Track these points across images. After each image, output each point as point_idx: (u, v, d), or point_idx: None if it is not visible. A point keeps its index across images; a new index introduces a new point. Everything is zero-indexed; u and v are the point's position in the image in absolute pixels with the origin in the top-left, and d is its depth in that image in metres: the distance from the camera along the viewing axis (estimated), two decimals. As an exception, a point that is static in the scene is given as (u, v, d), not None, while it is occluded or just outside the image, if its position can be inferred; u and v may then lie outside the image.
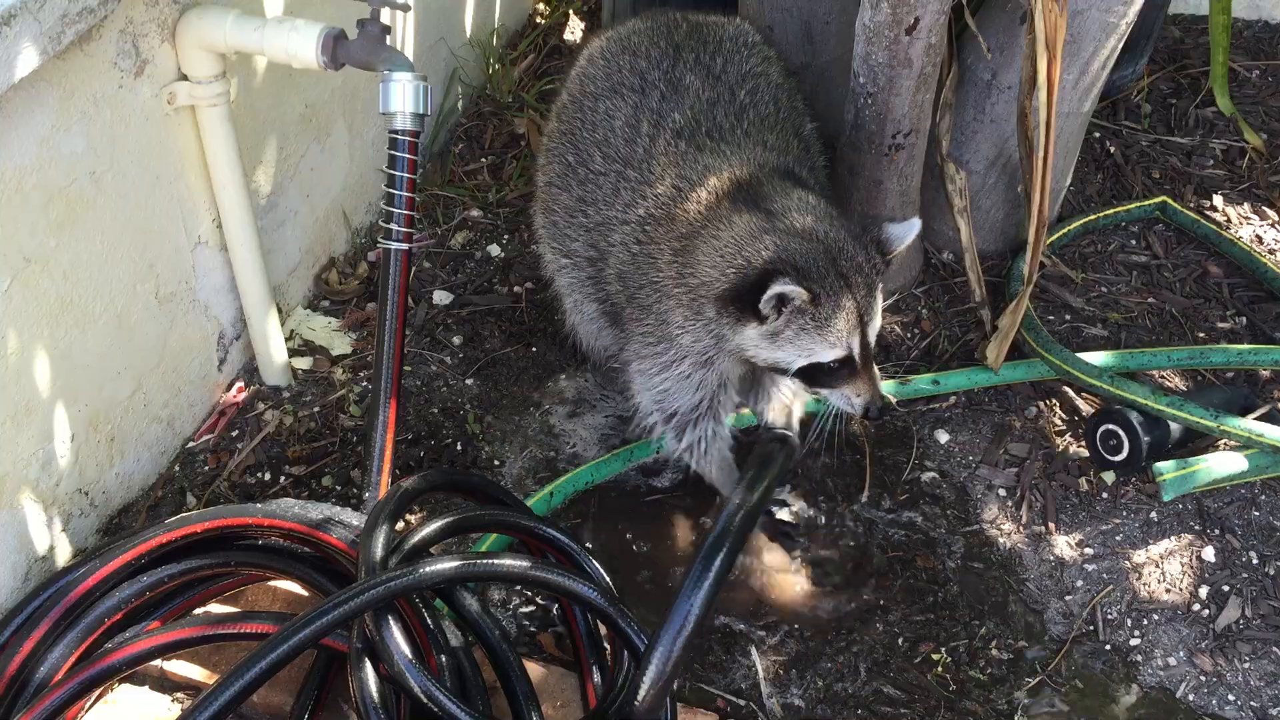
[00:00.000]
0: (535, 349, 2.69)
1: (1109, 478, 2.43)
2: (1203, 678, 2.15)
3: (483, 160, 3.16)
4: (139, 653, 1.82)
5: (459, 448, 2.47)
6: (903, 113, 2.45)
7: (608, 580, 1.97)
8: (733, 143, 2.09)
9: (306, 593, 2.06)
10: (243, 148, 2.28)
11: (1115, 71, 2.90)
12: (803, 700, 2.09)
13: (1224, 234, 2.89)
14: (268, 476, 2.40)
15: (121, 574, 1.88)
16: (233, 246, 2.38)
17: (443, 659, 1.81)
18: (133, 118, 2.09)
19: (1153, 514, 2.38)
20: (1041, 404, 2.58)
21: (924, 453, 2.49)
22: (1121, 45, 2.54)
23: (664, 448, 2.29)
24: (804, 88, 2.51)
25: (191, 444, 2.45)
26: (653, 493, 2.43)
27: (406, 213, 2.13)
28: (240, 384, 2.55)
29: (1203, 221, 2.92)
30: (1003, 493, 2.43)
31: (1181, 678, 2.15)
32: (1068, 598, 2.26)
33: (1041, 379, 2.60)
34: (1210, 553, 2.32)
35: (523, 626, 2.17)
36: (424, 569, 1.73)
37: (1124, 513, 2.39)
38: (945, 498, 2.42)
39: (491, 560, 1.83)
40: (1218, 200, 3.05)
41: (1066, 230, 2.90)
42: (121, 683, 1.99)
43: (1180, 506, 2.39)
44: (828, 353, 1.94)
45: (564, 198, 2.24)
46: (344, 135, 2.74)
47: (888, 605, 2.24)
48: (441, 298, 2.78)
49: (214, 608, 2.05)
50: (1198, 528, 2.37)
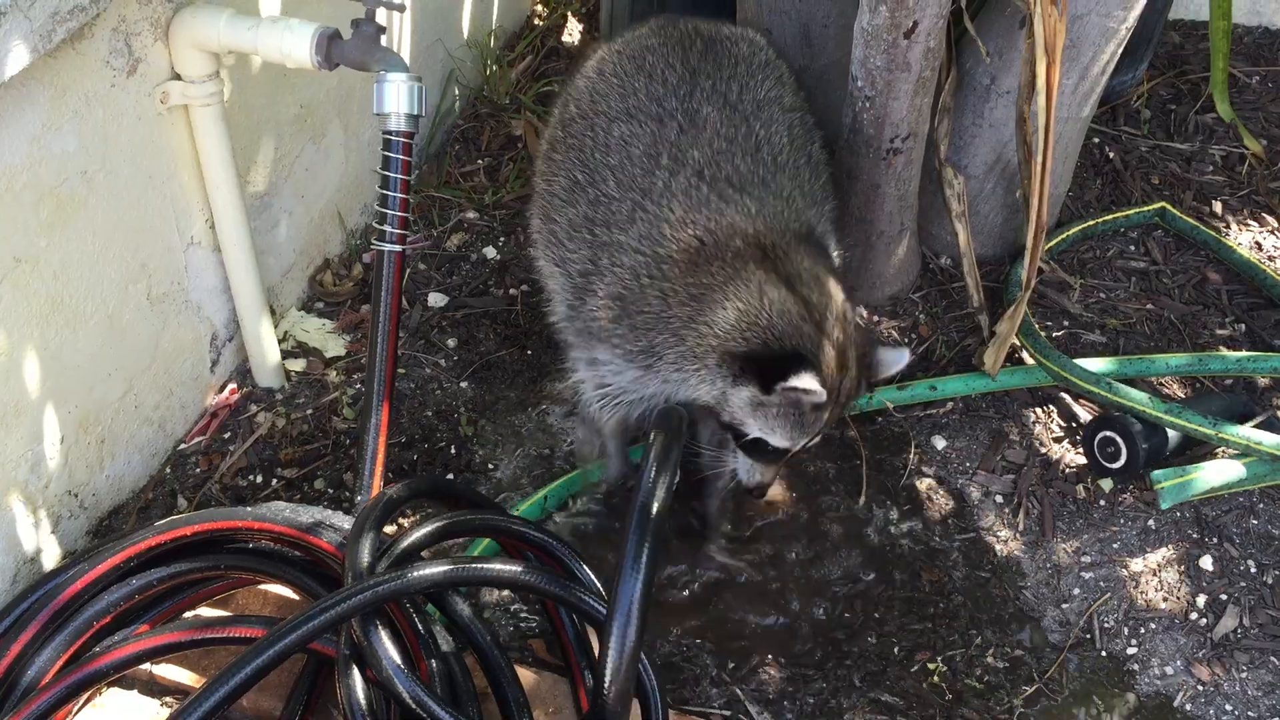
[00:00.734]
0: (530, 352, 2.67)
1: (1107, 485, 2.42)
2: (1200, 687, 2.13)
3: (479, 162, 3.15)
4: (128, 656, 1.80)
5: (453, 451, 2.46)
6: (901, 117, 2.44)
7: (599, 585, 1.96)
8: (753, 195, 2.11)
9: (297, 597, 2.04)
10: (236, 148, 2.27)
11: (1115, 77, 2.89)
12: (793, 716, 2.07)
13: (1223, 240, 2.88)
14: (260, 479, 2.38)
15: (111, 577, 1.86)
16: (226, 247, 2.36)
17: (433, 664, 1.79)
18: (125, 117, 2.08)
19: (1150, 522, 2.37)
20: (1039, 410, 2.57)
21: (921, 458, 2.48)
22: (1121, 50, 2.53)
23: (580, 399, 2.29)
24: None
25: (183, 446, 2.43)
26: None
27: (401, 214, 2.12)
28: (233, 386, 2.54)
29: (1202, 228, 2.91)
30: (1000, 499, 2.42)
31: (1179, 687, 2.13)
32: (1065, 605, 2.25)
33: (1039, 385, 2.59)
34: (1208, 561, 2.31)
35: (521, 630, 2.16)
36: (411, 574, 1.71)
37: (1121, 520, 2.38)
38: (942, 504, 2.40)
39: (481, 565, 1.82)
40: (1217, 206, 3.04)
41: (1065, 236, 2.89)
42: (110, 686, 1.97)
43: (1178, 514, 2.38)
44: (783, 441, 2.00)
45: (569, 211, 2.24)
46: (339, 136, 2.73)
47: (884, 613, 2.22)
48: (436, 300, 2.77)
49: (204, 611, 2.03)
50: (1195, 536, 2.35)
